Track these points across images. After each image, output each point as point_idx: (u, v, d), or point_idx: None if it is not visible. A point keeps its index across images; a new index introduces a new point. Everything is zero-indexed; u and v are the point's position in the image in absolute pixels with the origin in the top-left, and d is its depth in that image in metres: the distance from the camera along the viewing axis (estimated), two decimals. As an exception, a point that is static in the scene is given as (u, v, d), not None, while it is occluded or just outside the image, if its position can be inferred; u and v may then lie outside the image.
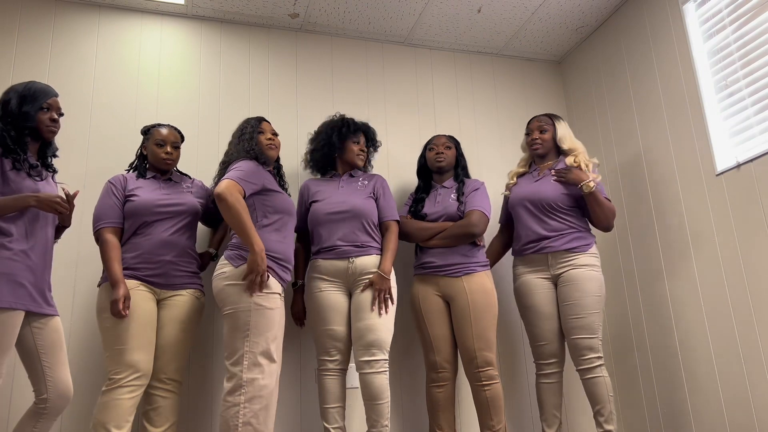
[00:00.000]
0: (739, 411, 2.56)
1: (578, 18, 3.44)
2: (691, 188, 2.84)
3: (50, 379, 2.07)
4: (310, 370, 2.90)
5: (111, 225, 2.37)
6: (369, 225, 2.64)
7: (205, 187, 2.68)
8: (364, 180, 2.78)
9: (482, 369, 2.60)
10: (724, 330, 2.64)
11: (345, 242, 2.59)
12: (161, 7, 3.17)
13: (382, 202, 2.73)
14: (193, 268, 2.47)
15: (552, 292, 2.73)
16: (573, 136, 2.88)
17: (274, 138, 2.57)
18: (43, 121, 2.15)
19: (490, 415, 2.59)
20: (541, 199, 2.75)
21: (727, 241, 2.65)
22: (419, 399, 3.02)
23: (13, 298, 1.96)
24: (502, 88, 3.72)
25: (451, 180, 2.92)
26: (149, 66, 3.11)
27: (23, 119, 2.11)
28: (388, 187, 2.80)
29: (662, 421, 2.96)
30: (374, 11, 3.29)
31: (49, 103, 2.18)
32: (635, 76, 3.23)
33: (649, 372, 3.06)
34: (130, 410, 2.18)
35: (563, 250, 2.68)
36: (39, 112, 2.14)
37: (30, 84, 2.17)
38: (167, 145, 2.52)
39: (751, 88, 2.61)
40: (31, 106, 2.13)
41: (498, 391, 2.60)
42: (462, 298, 2.66)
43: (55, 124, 2.19)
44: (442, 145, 2.92)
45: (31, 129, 2.14)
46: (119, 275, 2.25)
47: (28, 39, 2.95)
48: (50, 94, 2.19)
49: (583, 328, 2.60)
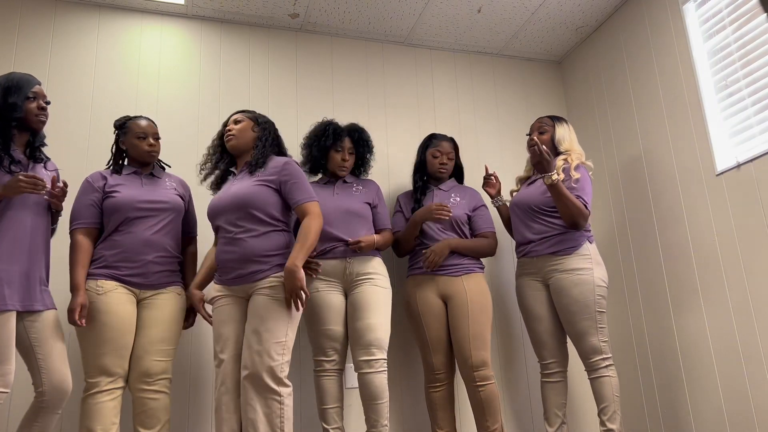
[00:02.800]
0: (739, 411, 2.56)
1: (578, 18, 3.44)
2: (691, 188, 2.84)
3: (44, 371, 2.06)
4: (309, 370, 2.91)
5: (84, 226, 2.31)
6: (367, 227, 2.66)
7: (184, 183, 2.58)
8: (358, 186, 2.79)
9: (477, 369, 2.59)
10: (724, 330, 2.64)
11: (343, 243, 2.60)
12: (161, 7, 3.17)
13: (380, 210, 2.77)
14: (174, 267, 2.41)
15: (544, 294, 2.72)
16: (574, 140, 2.84)
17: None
18: (31, 110, 2.13)
19: (485, 416, 2.58)
20: (525, 203, 2.76)
21: (727, 241, 2.65)
22: (419, 399, 3.02)
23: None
24: (502, 88, 3.72)
25: (448, 182, 2.94)
26: (149, 66, 3.11)
27: (10, 110, 2.08)
28: (383, 195, 2.84)
29: (662, 421, 2.96)
30: (374, 11, 3.29)
31: (35, 91, 2.14)
32: (635, 76, 3.23)
33: (649, 372, 3.06)
34: (114, 411, 2.16)
35: (548, 254, 2.67)
36: (26, 101, 2.12)
37: (11, 75, 2.13)
38: (149, 136, 2.45)
39: (751, 88, 2.61)
40: (17, 96, 2.09)
41: (493, 392, 2.59)
42: (461, 296, 2.66)
43: (43, 112, 2.16)
44: (446, 155, 2.90)
45: (19, 120, 2.11)
46: (80, 282, 2.21)
47: (28, 39, 2.95)
48: (33, 82, 2.15)
49: (580, 333, 2.59)
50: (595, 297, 2.59)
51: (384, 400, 2.42)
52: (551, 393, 2.70)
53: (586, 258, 2.63)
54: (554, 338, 2.70)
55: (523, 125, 3.66)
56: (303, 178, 2.37)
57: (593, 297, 2.59)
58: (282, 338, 2.18)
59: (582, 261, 2.62)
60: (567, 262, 2.62)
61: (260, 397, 2.14)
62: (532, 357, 3.24)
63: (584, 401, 3.26)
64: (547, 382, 2.71)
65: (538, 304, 2.71)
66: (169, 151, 2.98)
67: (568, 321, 2.61)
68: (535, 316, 2.71)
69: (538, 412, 3.16)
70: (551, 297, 2.70)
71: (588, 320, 2.57)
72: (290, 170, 2.36)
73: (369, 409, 2.42)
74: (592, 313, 2.58)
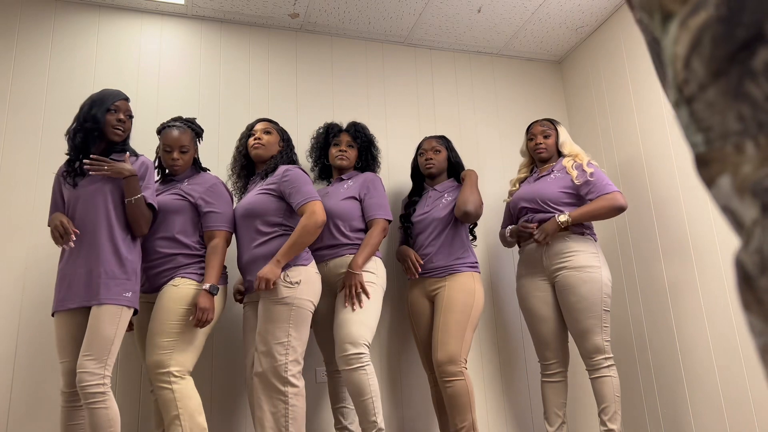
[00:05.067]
0: (739, 411, 2.56)
1: (578, 18, 3.44)
2: (691, 188, 2.84)
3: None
4: (309, 371, 2.91)
5: None
6: (343, 226, 2.62)
7: (207, 182, 2.50)
8: (350, 181, 2.74)
9: (441, 365, 2.55)
10: (724, 330, 2.64)
11: (321, 246, 2.62)
12: (161, 7, 3.17)
13: (367, 201, 2.66)
14: (174, 263, 2.36)
15: (549, 295, 2.72)
16: (572, 140, 2.92)
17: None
18: (109, 122, 2.25)
19: (453, 413, 2.53)
20: (539, 197, 2.75)
21: (727, 241, 2.65)
22: (419, 399, 3.02)
23: (53, 305, 2.21)
24: (502, 88, 3.72)
25: (444, 183, 2.89)
26: (149, 66, 3.11)
27: (91, 121, 2.23)
28: (378, 184, 2.71)
29: (662, 421, 2.96)
30: (374, 11, 3.29)
31: (117, 105, 2.27)
32: (635, 76, 3.23)
33: (649, 372, 3.06)
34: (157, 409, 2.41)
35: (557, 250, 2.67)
36: (106, 113, 2.25)
37: (104, 90, 2.31)
38: (174, 150, 2.46)
39: (751, 88, 2.61)
40: (99, 108, 2.24)
41: (460, 389, 2.52)
42: (441, 295, 2.66)
43: (121, 124, 2.27)
44: (431, 150, 2.88)
45: (99, 131, 2.25)
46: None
47: (28, 39, 2.95)
48: (119, 97, 2.29)
49: (584, 331, 2.59)
50: (602, 296, 2.59)
51: (366, 397, 2.33)
52: (551, 393, 2.70)
53: (595, 255, 2.65)
54: (557, 338, 2.70)
55: (523, 125, 3.66)
56: (302, 181, 2.41)
57: (600, 295, 2.59)
58: (284, 339, 2.23)
59: (591, 258, 2.63)
60: (577, 259, 2.62)
61: (266, 397, 2.22)
62: (532, 357, 3.25)
63: (585, 401, 3.26)
64: (547, 381, 2.71)
65: (544, 305, 2.71)
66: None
67: (574, 318, 2.61)
68: (540, 318, 2.71)
69: (538, 412, 3.16)
70: (556, 297, 2.71)
71: (594, 318, 2.58)
72: (289, 176, 2.43)
73: (356, 407, 2.37)
74: (599, 312, 2.58)
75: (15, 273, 2.64)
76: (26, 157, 2.79)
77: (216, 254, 2.33)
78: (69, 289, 2.17)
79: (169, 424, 2.18)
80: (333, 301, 2.64)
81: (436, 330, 2.60)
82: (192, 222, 2.42)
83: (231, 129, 3.13)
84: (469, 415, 2.52)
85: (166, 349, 2.23)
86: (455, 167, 2.92)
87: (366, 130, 2.84)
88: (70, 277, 2.18)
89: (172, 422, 2.17)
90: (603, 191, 2.65)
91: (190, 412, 2.18)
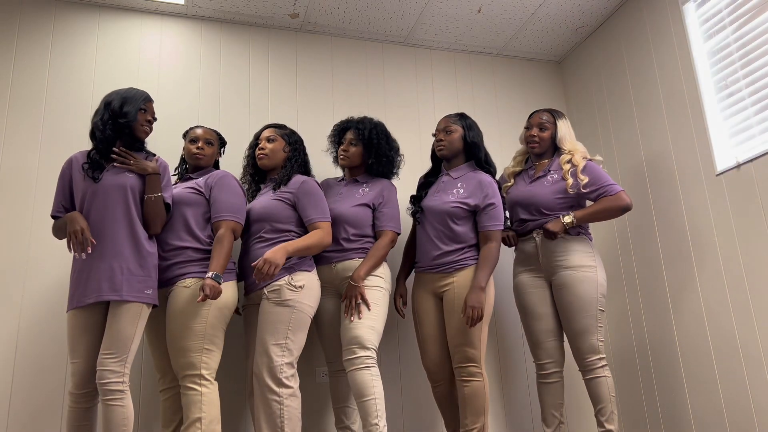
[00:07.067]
0: (739, 411, 2.56)
1: (578, 18, 3.44)
2: (691, 188, 2.84)
3: None
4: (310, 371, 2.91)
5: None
6: (352, 232, 2.61)
7: (216, 174, 2.54)
8: (366, 186, 2.71)
9: (461, 365, 2.55)
10: (724, 330, 2.64)
11: (329, 248, 2.61)
12: (161, 7, 3.17)
13: (380, 210, 2.65)
14: (178, 259, 2.36)
15: (545, 292, 2.70)
16: (574, 137, 2.82)
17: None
18: (140, 120, 2.33)
19: (465, 413, 2.52)
20: (535, 205, 2.72)
21: (727, 241, 2.65)
22: (419, 399, 3.02)
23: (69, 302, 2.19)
24: (502, 88, 3.72)
25: (459, 168, 2.73)
26: (149, 66, 3.11)
27: (124, 117, 2.30)
28: (393, 195, 2.69)
29: (662, 421, 2.96)
30: (374, 11, 3.29)
31: (147, 105, 2.37)
32: (635, 76, 3.23)
33: (649, 372, 3.06)
34: (171, 410, 2.41)
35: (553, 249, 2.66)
36: (138, 112, 2.33)
37: (130, 89, 2.39)
38: (199, 140, 2.59)
39: (751, 88, 2.61)
40: (131, 105, 2.32)
41: (477, 390, 2.51)
42: (450, 292, 2.60)
43: (149, 124, 2.37)
44: (442, 131, 2.73)
45: (129, 126, 2.31)
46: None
47: (28, 39, 2.95)
48: (148, 98, 2.38)
49: (580, 331, 2.59)
50: (597, 295, 2.59)
51: (369, 397, 2.35)
52: (547, 394, 2.68)
53: (590, 255, 2.64)
54: (552, 338, 2.68)
55: (523, 125, 3.66)
56: (318, 196, 2.52)
57: (596, 295, 2.59)
58: (281, 340, 2.28)
59: (587, 258, 2.63)
60: (573, 259, 2.62)
61: (262, 397, 2.27)
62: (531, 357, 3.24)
63: (583, 401, 3.26)
64: (543, 383, 2.69)
65: (540, 302, 2.70)
66: (169, 150, 2.98)
67: (570, 318, 2.60)
68: (536, 315, 2.69)
69: (538, 412, 3.16)
70: (552, 295, 2.70)
71: (589, 318, 2.57)
72: (306, 188, 2.52)
73: (359, 407, 2.39)
74: (594, 312, 2.58)
75: (15, 273, 2.64)
76: (26, 156, 2.79)
77: (220, 244, 2.32)
78: (87, 284, 2.15)
79: (189, 426, 2.18)
80: (339, 301, 2.63)
81: (451, 329, 2.57)
82: (204, 216, 2.44)
83: (231, 129, 3.13)
84: (482, 418, 2.51)
85: (195, 352, 2.24)
86: (471, 148, 2.73)
87: (374, 127, 2.71)
88: (89, 271, 2.16)
89: (193, 424, 2.18)
90: (608, 192, 2.64)
91: (210, 418, 2.21)
